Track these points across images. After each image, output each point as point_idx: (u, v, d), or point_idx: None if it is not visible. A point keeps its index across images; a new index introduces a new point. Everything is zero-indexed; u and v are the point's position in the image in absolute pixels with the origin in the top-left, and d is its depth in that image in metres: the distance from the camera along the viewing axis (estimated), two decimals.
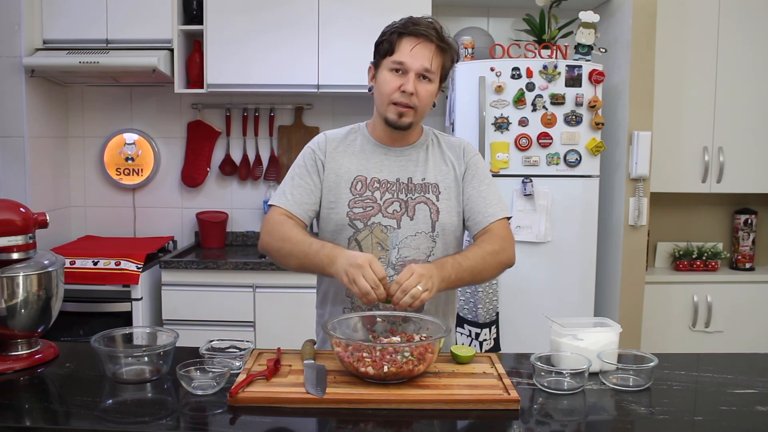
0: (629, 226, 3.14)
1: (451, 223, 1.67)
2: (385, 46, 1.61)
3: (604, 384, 1.43)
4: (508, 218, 1.68)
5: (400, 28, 1.59)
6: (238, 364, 1.46)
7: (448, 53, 1.62)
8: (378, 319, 1.55)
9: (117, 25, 3.19)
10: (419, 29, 1.57)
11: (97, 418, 1.25)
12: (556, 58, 2.99)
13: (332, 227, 1.66)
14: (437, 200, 1.65)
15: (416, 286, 1.41)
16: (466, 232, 1.74)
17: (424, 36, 1.57)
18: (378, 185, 1.65)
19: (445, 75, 1.65)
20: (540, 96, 2.97)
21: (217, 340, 1.53)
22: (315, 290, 1.79)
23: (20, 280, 1.49)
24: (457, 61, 1.67)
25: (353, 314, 1.56)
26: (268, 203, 1.69)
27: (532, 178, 2.97)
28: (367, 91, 1.67)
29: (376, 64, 1.65)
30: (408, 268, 1.44)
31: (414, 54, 1.57)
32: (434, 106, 1.69)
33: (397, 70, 1.58)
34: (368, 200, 1.64)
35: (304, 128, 3.60)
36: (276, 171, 3.58)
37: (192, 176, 3.59)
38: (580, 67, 2.98)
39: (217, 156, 3.61)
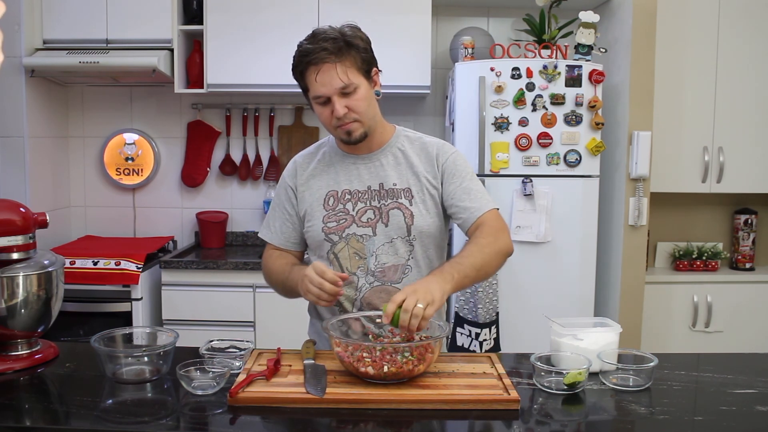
0: (629, 226, 3.14)
1: (428, 225, 1.64)
2: (300, 84, 1.60)
3: (604, 384, 1.43)
4: (497, 209, 1.65)
5: (297, 66, 1.57)
6: (238, 364, 1.46)
7: (353, 52, 1.54)
8: (378, 320, 1.55)
9: (117, 25, 3.19)
10: (311, 58, 1.52)
11: (97, 418, 1.25)
12: (556, 58, 2.99)
13: (313, 245, 1.70)
14: (410, 204, 1.64)
15: (416, 305, 1.35)
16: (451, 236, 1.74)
17: (320, 60, 1.52)
18: (350, 196, 1.65)
19: (368, 66, 1.59)
20: (540, 96, 2.97)
21: (217, 340, 1.53)
22: None
23: (20, 280, 1.49)
24: (370, 44, 1.61)
25: (353, 314, 1.57)
26: (259, 235, 1.79)
27: (532, 178, 2.97)
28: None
29: (306, 98, 1.63)
30: (402, 291, 1.38)
31: (322, 83, 1.53)
32: (379, 95, 1.64)
33: (321, 102, 1.57)
34: (341, 213, 1.64)
35: (304, 128, 3.60)
36: (276, 171, 3.57)
37: (192, 176, 3.59)
38: (580, 67, 2.98)
39: (217, 156, 3.61)
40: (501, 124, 2.97)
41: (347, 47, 1.54)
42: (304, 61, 1.55)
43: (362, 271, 1.62)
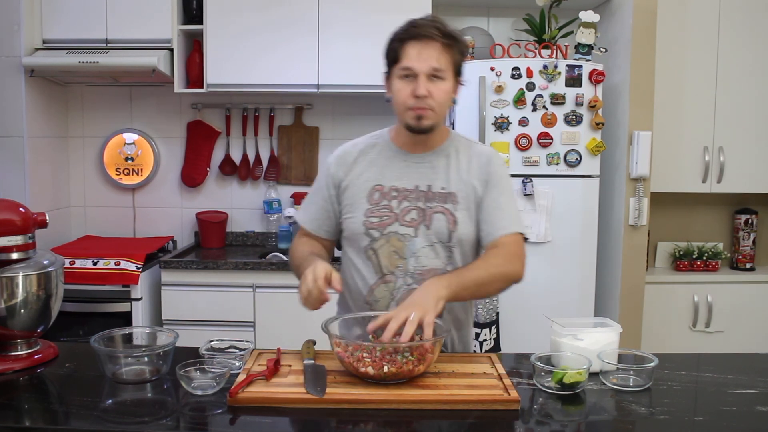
0: (629, 226, 3.14)
1: (469, 233, 1.64)
2: (391, 55, 1.59)
3: (604, 384, 1.43)
4: (523, 234, 1.65)
5: (401, 34, 1.57)
6: (238, 364, 1.46)
7: (455, 47, 1.58)
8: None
9: (117, 25, 3.19)
10: (420, 31, 1.55)
11: (97, 418, 1.25)
12: (556, 57, 2.99)
13: (351, 237, 1.67)
14: (455, 210, 1.63)
15: (407, 318, 1.37)
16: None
17: (426, 37, 1.54)
18: (396, 194, 1.64)
19: (458, 70, 1.62)
20: (540, 96, 2.97)
21: (217, 340, 1.53)
22: None
23: (20, 280, 1.48)
24: (468, 54, 1.65)
25: (352, 314, 1.57)
26: (294, 216, 1.75)
27: (532, 178, 2.97)
28: (385, 101, 1.67)
29: (388, 75, 1.63)
30: (395, 310, 1.41)
31: (419, 57, 1.54)
32: (455, 102, 1.66)
33: (407, 76, 1.56)
34: (385, 209, 1.63)
35: (304, 128, 3.60)
36: (276, 171, 3.57)
37: (192, 176, 3.59)
38: (580, 66, 2.98)
39: (217, 156, 3.61)
40: (501, 124, 2.97)
41: (454, 41, 1.58)
42: (411, 31, 1.56)
43: (401, 271, 1.60)
